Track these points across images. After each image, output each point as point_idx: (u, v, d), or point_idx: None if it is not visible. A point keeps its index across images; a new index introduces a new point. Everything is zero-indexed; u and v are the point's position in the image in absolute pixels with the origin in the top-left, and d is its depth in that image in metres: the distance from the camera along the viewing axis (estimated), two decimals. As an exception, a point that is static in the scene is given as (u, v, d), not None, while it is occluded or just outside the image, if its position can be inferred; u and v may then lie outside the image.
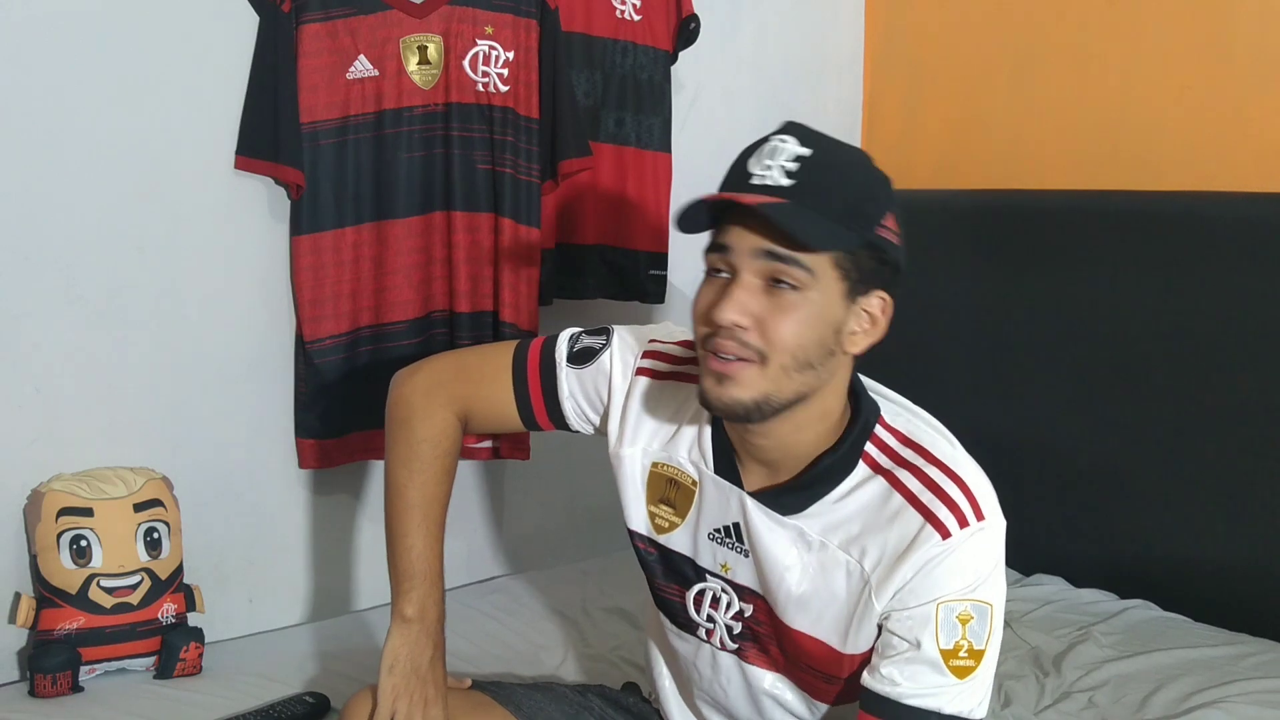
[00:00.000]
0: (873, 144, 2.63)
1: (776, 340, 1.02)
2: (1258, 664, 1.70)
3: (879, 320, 1.10)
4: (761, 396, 1.04)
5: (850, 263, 1.05)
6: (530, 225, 1.88)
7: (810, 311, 1.03)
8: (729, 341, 1.03)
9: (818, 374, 1.06)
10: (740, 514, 1.14)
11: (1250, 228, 1.88)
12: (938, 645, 1.05)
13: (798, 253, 1.01)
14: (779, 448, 1.11)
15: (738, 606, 1.17)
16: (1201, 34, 2.03)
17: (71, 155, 1.61)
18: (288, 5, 1.70)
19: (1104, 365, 2.05)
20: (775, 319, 1.02)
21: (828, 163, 1.05)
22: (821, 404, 1.09)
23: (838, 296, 1.05)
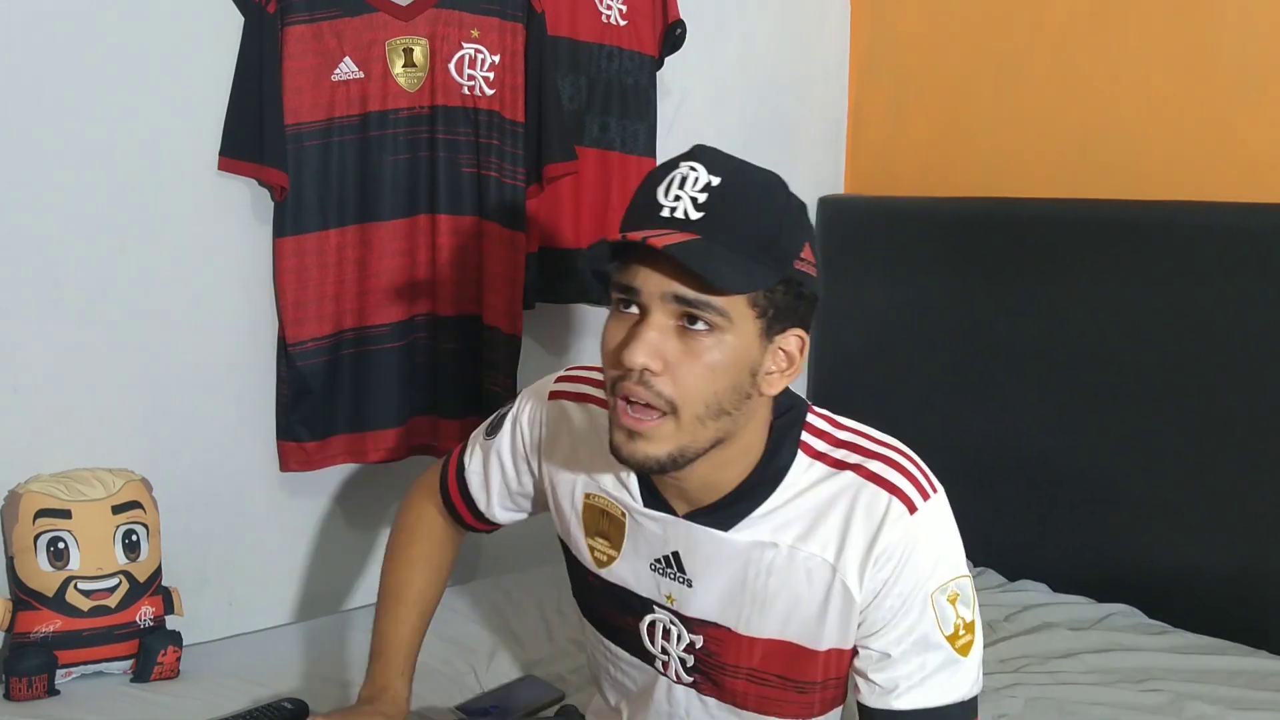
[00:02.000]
0: (858, 151, 2.64)
1: (689, 389, 0.97)
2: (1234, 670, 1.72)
3: (796, 359, 1.04)
4: (676, 450, 0.99)
5: (767, 300, 0.99)
6: (514, 229, 1.87)
7: (724, 355, 0.98)
8: (639, 388, 0.97)
9: (734, 419, 1.01)
10: (679, 542, 1.10)
11: (1232, 237, 1.89)
12: (941, 634, 1.05)
13: (709, 297, 0.96)
14: (702, 485, 1.07)
15: (687, 639, 1.13)
16: (1184, 44, 2.05)
17: (54, 155, 1.60)
18: (273, 6, 1.69)
19: (1086, 373, 2.06)
20: (687, 365, 0.97)
21: (740, 193, 0.98)
22: (742, 442, 1.05)
23: (753, 337, 1.00)
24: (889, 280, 2.42)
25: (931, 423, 2.16)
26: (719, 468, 1.06)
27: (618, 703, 1.28)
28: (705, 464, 1.04)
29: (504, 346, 1.89)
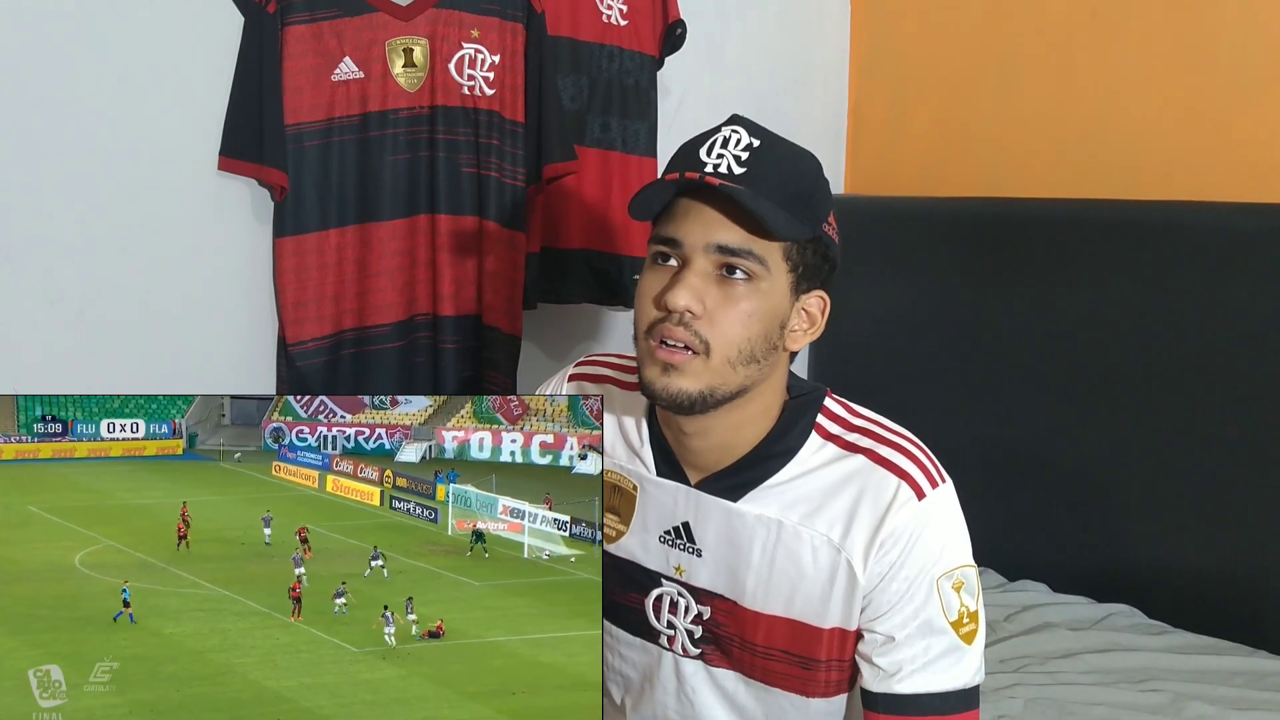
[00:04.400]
0: (858, 151, 2.64)
1: (725, 332, 1.03)
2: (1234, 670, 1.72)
3: (817, 320, 1.10)
4: (707, 389, 1.04)
5: (799, 256, 1.05)
6: (515, 229, 1.87)
7: (759, 304, 1.04)
8: (678, 329, 1.03)
9: (760, 368, 1.06)
10: (689, 511, 1.13)
11: (1232, 238, 1.89)
12: (946, 619, 1.06)
13: (751, 245, 1.02)
14: (719, 446, 1.11)
15: (695, 609, 1.15)
16: (1184, 45, 2.05)
17: (53, 155, 1.60)
18: (273, 6, 1.69)
19: (1086, 373, 2.06)
20: (725, 310, 1.03)
21: (778, 154, 1.05)
22: (761, 400, 1.09)
23: (785, 290, 1.05)
24: (889, 280, 2.42)
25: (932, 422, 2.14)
26: (738, 426, 1.09)
27: (621, 698, 1.28)
28: (726, 418, 1.08)
29: (504, 346, 1.89)
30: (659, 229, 1.06)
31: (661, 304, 1.04)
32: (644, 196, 1.06)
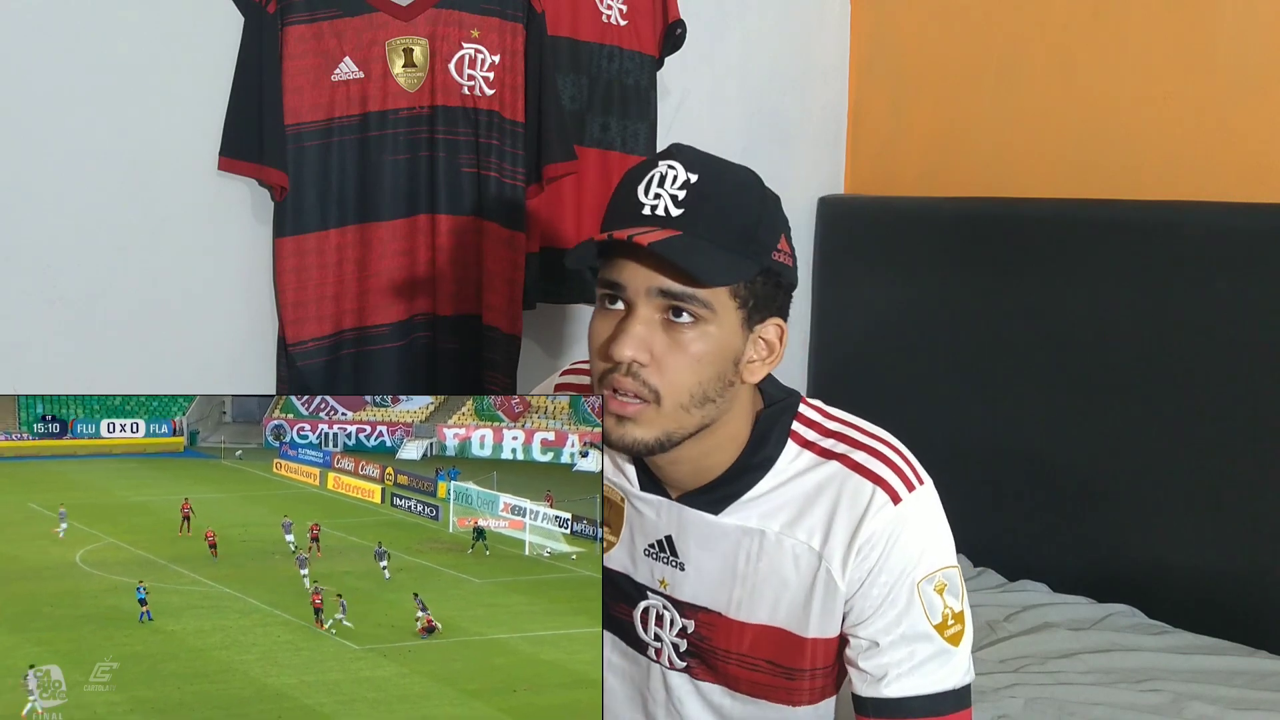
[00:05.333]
0: (858, 151, 2.64)
1: (674, 379, 1.01)
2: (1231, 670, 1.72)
3: (776, 347, 1.08)
4: (663, 434, 1.03)
5: (748, 291, 1.02)
6: (514, 229, 1.87)
7: (708, 346, 1.01)
8: (627, 380, 1.01)
9: (717, 406, 1.04)
10: (672, 525, 1.13)
11: (1231, 237, 1.89)
12: (929, 623, 1.05)
13: (695, 290, 0.99)
14: (692, 472, 1.10)
15: (680, 623, 1.15)
16: (1184, 45, 2.05)
17: (53, 154, 1.60)
18: (273, 6, 1.69)
19: (1086, 373, 2.06)
20: (673, 356, 1.01)
21: (717, 189, 1.01)
22: (726, 429, 1.08)
23: (736, 326, 1.03)
24: (889, 280, 2.42)
25: (932, 422, 2.16)
26: (705, 454, 1.09)
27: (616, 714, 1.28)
28: (692, 449, 1.07)
29: (504, 346, 1.89)
30: (603, 272, 1.04)
31: (607, 355, 1.02)
32: (577, 254, 1.04)
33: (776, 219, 1.06)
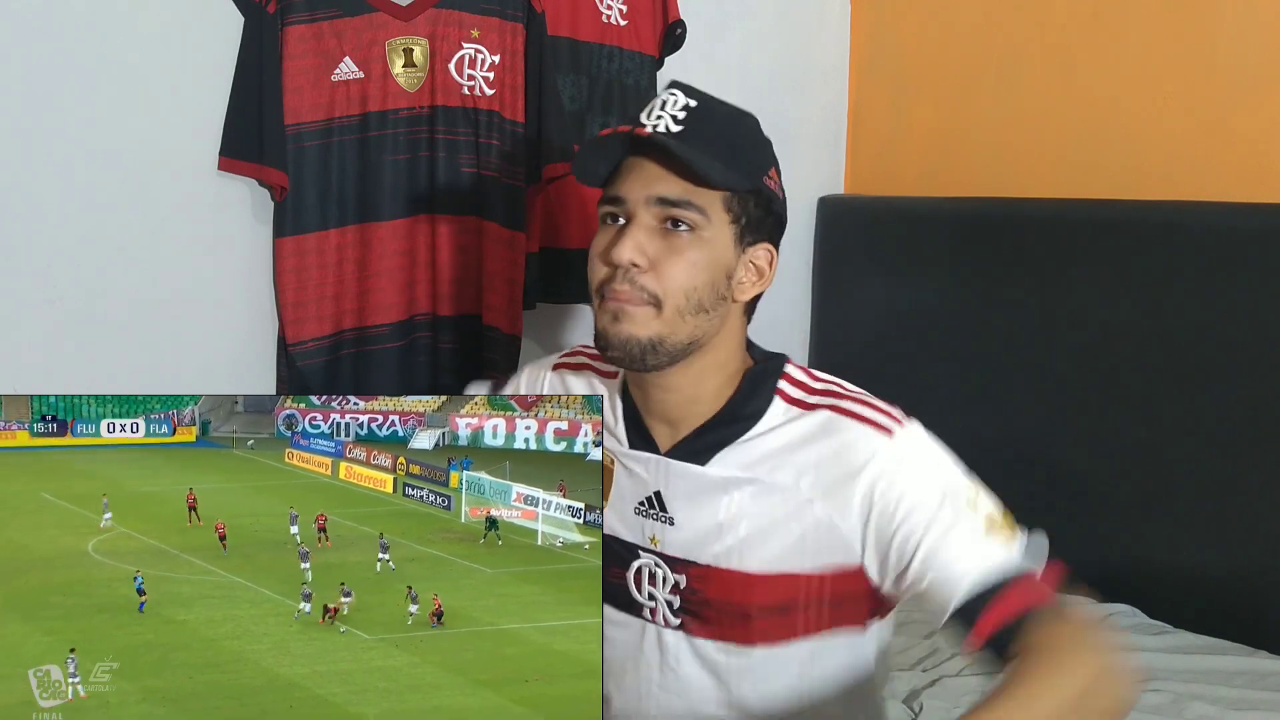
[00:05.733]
0: (858, 151, 2.63)
1: (670, 282, 1.07)
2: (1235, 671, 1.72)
3: (765, 272, 1.14)
4: (656, 336, 1.07)
5: (739, 207, 1.09)
6: (514, 229, 1.87)
7: (703, 253, 1.08)
8: (624, 286, 1.07)
9: (709, 318, 1.09)
10: (660, 480, 1.16)
11: (1232, 237, 1.89)
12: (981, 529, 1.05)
13: (691, 195, 1.07)
14: (684, 401, 1.14)
15: (673, 579, 1.16)
16: (1184, 44, 2.05)
17: (53, 154, 1.60)
18: (273, 6, 1.69)
19: (1086, 373, 2.06)
20: (669, 261, 1.07)
21: (714, 113, 1.11)
22: (717, 353, 1.13)
23: (728, 241, 1.10)
24: (889, 280, 2.42)
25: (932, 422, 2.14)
26: (698, 379, 1.13)
27: (609, 691, 1.27)
28: (682, 375, 1.12)
29: (504, 346, 1.89)
30: (606, 189, 1.12)
31: (608, 259, 1.08)
32: (583, 157, 1.12)
33: (768, 153, 1.15)
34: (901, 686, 1.65)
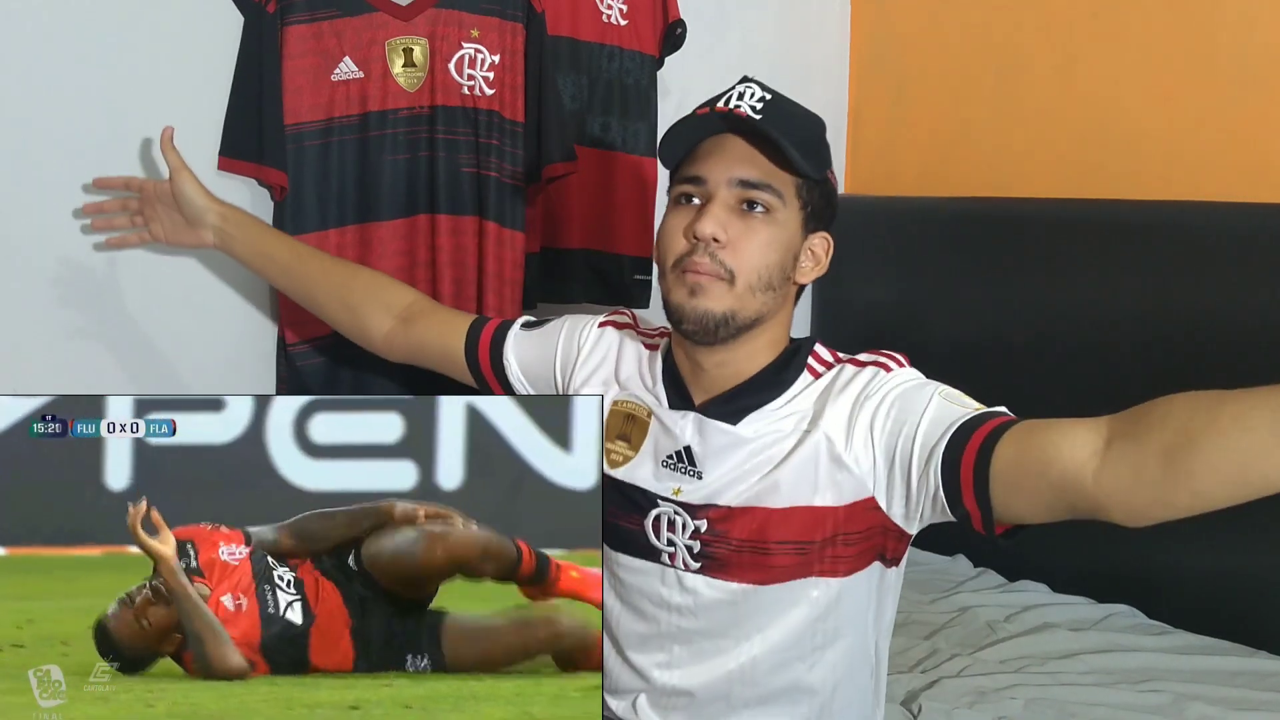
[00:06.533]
0: (858, 151, 2.63)
1: (747, 260, 1.14)
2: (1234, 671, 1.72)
3: (822, 260, 1.22)
4: (729, 311, 1.14)
5: (808, 195, 1.17)
6: (514, 229, 1.87)
7: (777, 234, 1.15)
8: (704, 259, 1.13)
9: (775, 296, 1.17)
10: (692, 436, 1.21)
11: (1234, 237, 1.89)
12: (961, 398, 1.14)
13: (770, 179, 1.14)
14: (730, 375, 1.20)
15: (692, 525, 1.20)
16: (1185, 43, 2.05)
17: (51, 155, 1.59)
18: (272, 6, 1.69)
19: (1088, 372, 2.06)
20: (746, 239, 1.14)
21: (789, 107, 1.17)
22: (772, 332, 1.20)
23: (797, 225, 1.17)
24: (889, 280, 2.42)
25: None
26: (751, 356, 1.20)
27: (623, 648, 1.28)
28: (742, 349, 1.19)
29: (504, 346, 1.89)
30: (683, 169, 1.18)
31: (689, 234, 1.14)
32: (675, 134, 1.18)
33: (829, 150, 1.21)
34: (899, 689, 1.64)
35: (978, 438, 1.06)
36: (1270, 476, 0.88)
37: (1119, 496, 0.99)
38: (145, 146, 1.66)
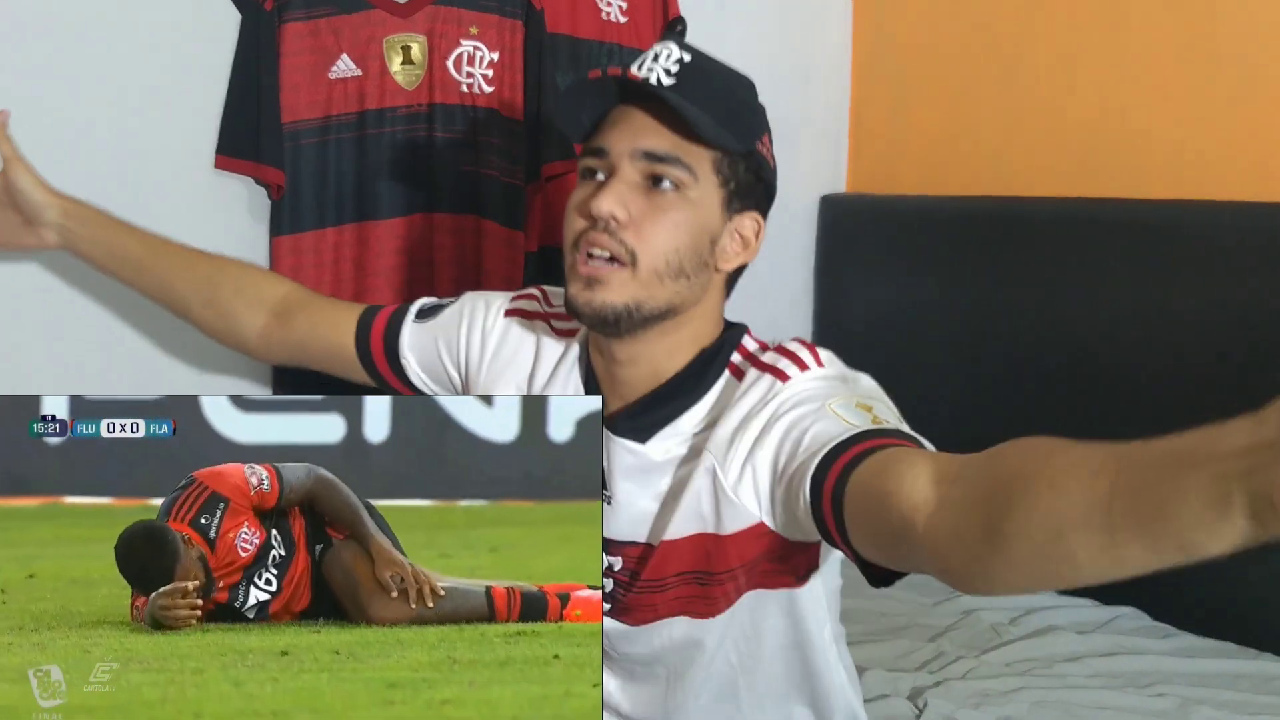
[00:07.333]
0: (859, 150, 2.62)
1: (651, 242, 1.01)
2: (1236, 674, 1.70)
3: (751, 243, 1.08)
4: (632, 301, 1.01)
5: (729, 170, 1.04)
6: (513, 227, 1.86)
7: (688, 214, 1.02)
8: (602, 236, 1.01)
9: (690, 285, 1.04)
10: (604, 456, 1.10)
11: (1236, 237, 1.88)
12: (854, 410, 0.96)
13: (679, 152, 1.01)
14: (648, 374, 1.07)
15: (607, 561, 1.11)
16: (1187, 42, 2.04)
17: (49, 154, 1.57)
18: (270, 3, 1.68)
19: (1090, 372, 2.05)
20: (651, 219, 1.01)
21: (709, 69, 1.05)
22: (693, 326, 1.07)
23: (715, 205, 1.04)
24: (891, 279, 2.41)
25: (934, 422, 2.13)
26: (667, 353, 1.07)
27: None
28: (658, 344, 1.05)
29: (503, 346, 1.88)
30: (587, 142, 1.06)
31: (586, 212, 1.02)
32: (566, 100, 1.06)
33: (762, 118, 1.10)
34: (905, 685, 1.64)
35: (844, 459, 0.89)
36: (1079, 559, 0.70)
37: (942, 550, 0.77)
38: (142, 145, 1.65)
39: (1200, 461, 0.60)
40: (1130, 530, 0.64)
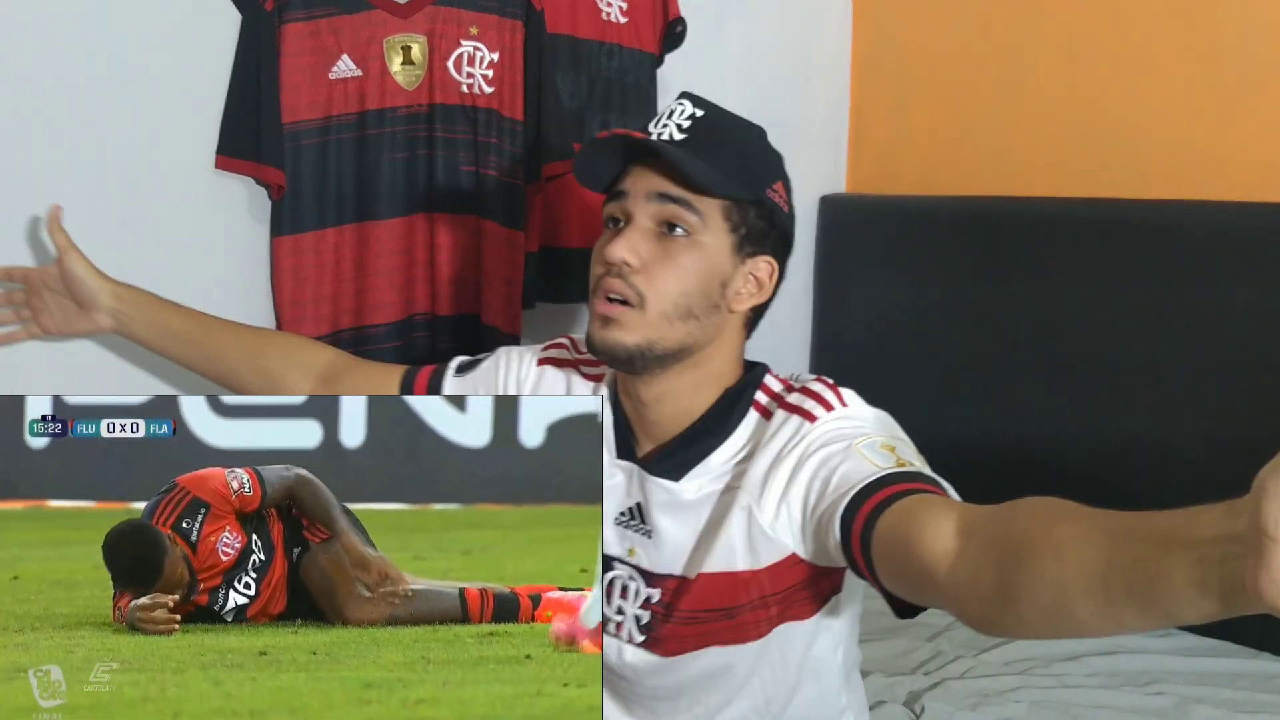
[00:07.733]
0: (859, 149, 2.62)
1: (660, 286, 1.07)
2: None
3: (765, 285, 1.13)
4: (645, 341, 1.07)
5: (739, 216, 1.09)
6: (513, 228, 1.86)
7: (697, 259, 1.08)
8: (616, 281, 1.08)
9: (701, 326, 1.09)
10: (640, 492, 1.15)
11: (1236, 237, 1.88)
12: (879, 451, 1.01)
13: (690, 197, 1.07)
14: (676, 414, 1.13)
15: (645, 593, 1.15)
16: (1188, 42, 2.04)
17: (49, 154, 1.58)
18: (270, 4, 1.68)
19: (1090, 372, 2.05)
20: (661, 264, 1.07)
21: (720, 124, 1.11)
22: (712, 366, 1.13)
23: (726, 249, 1.09)
24: (891, 279, 2.41)
25: (934, 422, 2.13)
26: (694, 391, 1.12)
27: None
28: (679, 381, 1.11)
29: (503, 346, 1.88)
30: (612, 185, 1.13)
31: (603, 258, 1.09)
32: (583, 158, 1.12)
33: (775, 166, 1.14)
34: (901, 689, 1.64)
35: (872, 502, 0.96)
36: (1081, 619, 0.74)
37: (961, 599, 0.85)
38: (142, 145, 1.65)
39: (1183, 545, 0.67)
40: (1124, 600, 0.71)
